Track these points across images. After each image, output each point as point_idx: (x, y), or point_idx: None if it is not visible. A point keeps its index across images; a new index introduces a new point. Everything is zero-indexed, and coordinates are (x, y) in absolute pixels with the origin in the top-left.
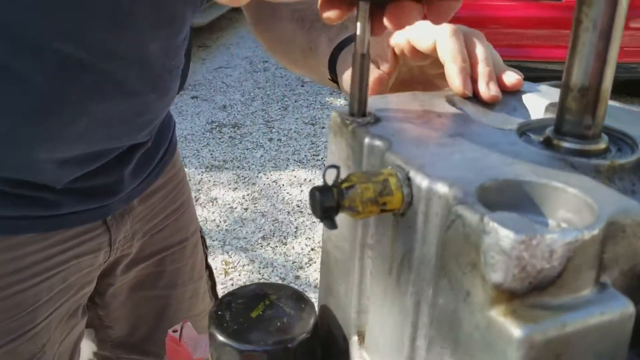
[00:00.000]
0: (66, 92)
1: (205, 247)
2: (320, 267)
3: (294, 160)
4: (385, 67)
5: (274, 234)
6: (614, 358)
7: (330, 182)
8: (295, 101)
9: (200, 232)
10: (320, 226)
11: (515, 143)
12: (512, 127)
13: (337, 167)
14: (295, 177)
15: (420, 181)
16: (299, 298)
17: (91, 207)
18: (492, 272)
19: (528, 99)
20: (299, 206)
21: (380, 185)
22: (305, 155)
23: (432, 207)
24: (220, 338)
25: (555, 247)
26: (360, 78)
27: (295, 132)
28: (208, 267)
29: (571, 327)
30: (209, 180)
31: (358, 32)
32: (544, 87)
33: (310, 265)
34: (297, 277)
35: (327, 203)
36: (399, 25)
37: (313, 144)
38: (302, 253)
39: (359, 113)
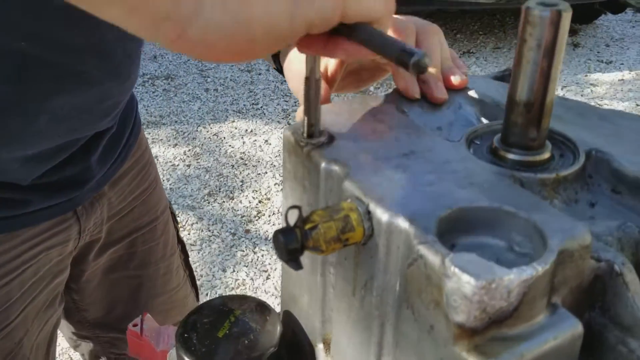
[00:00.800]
0: (24, 91)
1: (175, 222)
2: (281, 274)
3: (233, 110)
4: (332, 66)
5: (219, 189)
6: None
7: (292, 222)
8: None
9: (170, 209)
10: (266, 178)
11: (465, 158)
12: (461, 137)
13: (298, 208)
14: (236, 128)
15: (381, 215)
16: (263, 309)
17: (60, 200)
18: (455, 314)
19: (472, 95)
20: (242, 159)
21: (341, 222)
22: (245, 105)
23: (393, 241)
24: None
25: (512, 286)
26: (312, 102)
27: (231, 80)
28: (180, 242)
29: (528, 357)
30: (147, 138)
31: (307, 61)
32: (486, 80)
33: (259, 217)
34: (248, 231)
35: (291, 245)
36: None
37: (251, 92)
38: (250, 206)
39: (312, 134)
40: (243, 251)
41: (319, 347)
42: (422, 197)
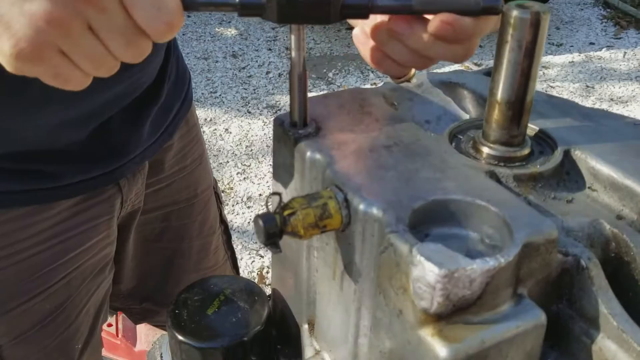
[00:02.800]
0: None
1: (219, 202)
2: (271, 256)
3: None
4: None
5: None
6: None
7: (272, 208)
8: (183, 34)
9: (215, 188)
10: (228, 167)
11: (445, 151)
12: (445, 131)
13: (279, 194)
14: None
15: (358, 204)
16: (252, 290)
17: (99, 173)
18: (420, 300)
19: (459, 88)
20: (220, 150)
21: (320, 209)
22: (202, 93)
23: (368, 229)
24: (179, 337)
25: (475, 276)
26: (298, 93)
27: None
28: (223, 222)
29: (490, 342)
30: None
31: (293, 54)
32: (478, 76)
33: (224, 206)
34: None
35: (270, 230)
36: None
37: (209, 80)
38: (228, 196)
39: (300, 124)
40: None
41: (304, 328)
42: (399, 187)
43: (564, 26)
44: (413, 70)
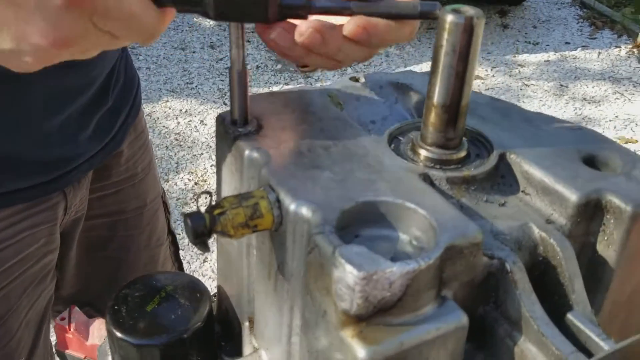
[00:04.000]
0: None
1: (167, 212)
2: (217, 254)
3: (167, 90)
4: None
5: None
6: None
7: (203, 207)
8: None
9: (163, 198)
10: (202, 159)
11: (383, 153)
12: (385, 133)
13: (209, 193)
14: (170, 108)
15: (289, 204)
16: (195, 287)
17: (42, 180)
18: (341, 301)
19: (406, 89)
20: (177, 139)
21: (250, 209)
22: (179, 84)
23: (298, 230)
24: (117, 334)
25: (394, 278)
26: (240, 91)
27: (164, 58)
28: (171, 233)
29: (409, 344)
30: None
31: (233, 51)
32: (423, 77)
33: (195, 200)
34: (184, 214)
35: (198, 229)
36: None
37: (185, 70)
38: (186, 189)
39: (240, 122)
40: (179, 234)
41: (245, 325)
42: (331, 188)
43: (541, 25)
44: None
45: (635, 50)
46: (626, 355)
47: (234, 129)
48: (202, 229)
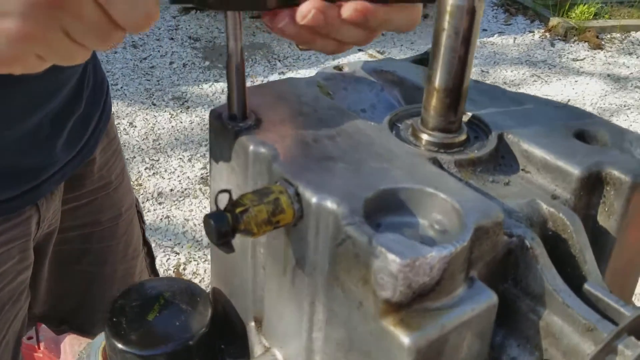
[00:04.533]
0: None
1: (142, 222)
2: (210, 253)
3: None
4: None
5: None
6: (483, 340)
7: (222, 206)
8: None
9: (137, 207)
10: (135, 163)
11: (389, 141)
12: (384, 120)
13: (228, 191)
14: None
15: (310, 197)
16: (193, 291)
17: (17, 193)
18: (382, 290)
19: (390, 76)
20: (125, 145)
21: (272, 205)
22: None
23: (322, 222)
24: (120, 346)
25: (434, 263)
26: (238, 85)
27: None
28: (146, 244)
29: (449, 326)
30: None
31: (230, 43)
32: (406, 64)
33: (156, 209)
34: (168, 217)
35: (223, 229)
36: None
37: (108, 72)
38: (137, 193)
39: (239, 116)
40: (155, 242)
41: (251, 326)
42: (348, 178)
43: None
44: None
45: (547, 34)
46: None
47: (234, 124)
48: (225, 229)
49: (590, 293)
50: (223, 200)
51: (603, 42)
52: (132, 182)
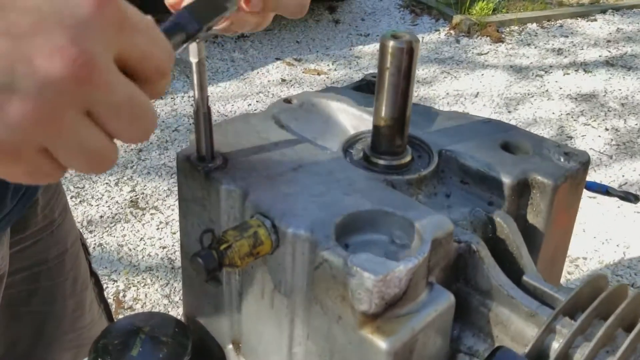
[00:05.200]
0: None
1: (87, 254)
2: (182, 286)
3: None
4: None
5: None
6: (444, 335)
7: (206, 244)
8: None
9: (81, 240)
10: (102, 184)
11: (345, 168)
12: (338, 148)
13: (212, 231)
14: None
15: (285, 228)
16: (170, 322)
17: None
18: (360, 304)
19: (334, 104)
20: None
21: (252, 238)
22: None
23: (298, 249)
24: None
25: (402, 275)
26: (206, 130)
27: None
28: (93, 275)
29: (417, 329)
30: None
31: (196, 94)
32: (348, 91)
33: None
34: (101, 245)
35: (210, 266)
36: None
37: None
38: (103, 213)
39: (208, 158)
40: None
41: (229, 348)
42: (316, 207)
43: (368, 17)
44: None
45: (452, 31)
46: (577, 301)
47: (204, 165)
48: (213, 265)
49: (529, 283)
50: (206, 239)
51: (503, 36)
52: None
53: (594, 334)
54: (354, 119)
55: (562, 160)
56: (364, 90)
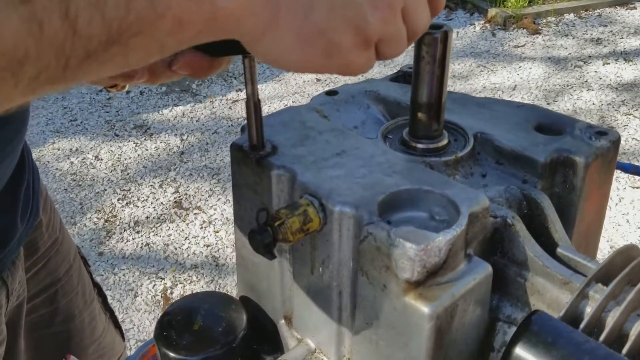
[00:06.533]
0: None
1: (87, 265)
2: (236, 267)
3: (51, 131)
4: None
5: None
6: (483, 304)
7: (261, 221)
8: None
9: (79, 252)
10: (107, 195)
11: (385, 152)
12: (377, 134)
13: (266, 210)
14: (58, 149)
15: (332, 207)
16: (227, 300)
17: None
18: (403, 273)
19: (373, 95)
20: (75, 180)
21: (302, 216)
22: (62, 123)
23: (344, 225)
24: (174, 355)
25: (442, 245)
26: (257, 120)
27: (39, 99)
28: (96, 285)
29: (457, 295)
30: None
31: (247, 87)
32: (385, 82)
33: (110, 237)
34: (102, 254)
35: (267, 240)
36: None
37: (65, 108)
38: (97, 228)
39: (259, 146)
40: (102, 275)
41: (281, 323)
42: (360, 187)
43: None
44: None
45: (487, 25)
46: (608, 269)
47: (255, 153)
48: (268, 240)
49: (563, 255)
50: (262, 217)
51: (540, 27)
52: (107, 215)
53: (625, 299)
54: (391, 107)
55: (593, 139)
56: (400, 81)
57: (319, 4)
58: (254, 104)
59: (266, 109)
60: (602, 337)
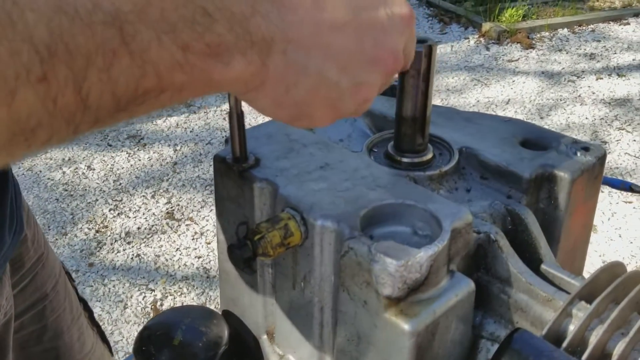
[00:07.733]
0: None
1: (71, 280)
2: (219, 280)
3: None
4: None
5: (48, 227)
6: (466, 321)
7: (241, 235)
8: None
9: (63, 267)
10: (98, 205)
11: (369, 165)
12: (362, 148)
13: (246, 223)
14: (50, 159)
15: (314, 220)
16: (209, 315)
17: None
18: (383, 289)
19: None
20: (66, 190)
21: (283, 230)
22: None
23: (325, 239)
24: None
25: (423, 261)
26: (239, 132)
27: None
28: (82, 300)
29: (439, 312)
30: None
31: (231, 99)
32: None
33: (101, 248)
34: (92, 265)
35: (246, 254)
36: None
37: None
38: (88, 238)
39: (242, 158)
40: (92, 285)
41: (264, 339)
42: (342, 201)
43: None
44: None
45: (481, 39)
46: (593, 286)
47: (238, 165)
48: (248, 255)
49: (547, 272)
50: (241, 231)
51: (534, 42)
52: (98, 225)
53: (608, 317)
54: (377, 121)
55: (578, 154)
56: (386, 93)
57: (303, 83)
58: (237, 115)
59: (252, 121)
60: (584, 356)
